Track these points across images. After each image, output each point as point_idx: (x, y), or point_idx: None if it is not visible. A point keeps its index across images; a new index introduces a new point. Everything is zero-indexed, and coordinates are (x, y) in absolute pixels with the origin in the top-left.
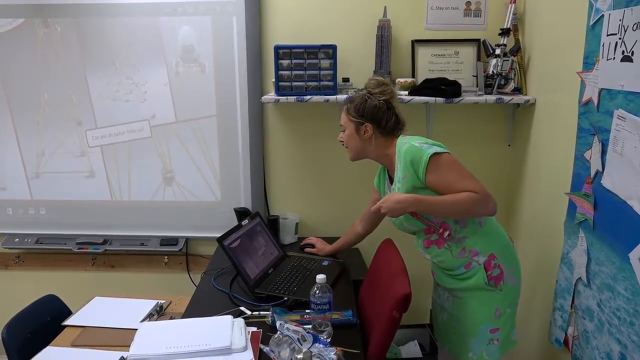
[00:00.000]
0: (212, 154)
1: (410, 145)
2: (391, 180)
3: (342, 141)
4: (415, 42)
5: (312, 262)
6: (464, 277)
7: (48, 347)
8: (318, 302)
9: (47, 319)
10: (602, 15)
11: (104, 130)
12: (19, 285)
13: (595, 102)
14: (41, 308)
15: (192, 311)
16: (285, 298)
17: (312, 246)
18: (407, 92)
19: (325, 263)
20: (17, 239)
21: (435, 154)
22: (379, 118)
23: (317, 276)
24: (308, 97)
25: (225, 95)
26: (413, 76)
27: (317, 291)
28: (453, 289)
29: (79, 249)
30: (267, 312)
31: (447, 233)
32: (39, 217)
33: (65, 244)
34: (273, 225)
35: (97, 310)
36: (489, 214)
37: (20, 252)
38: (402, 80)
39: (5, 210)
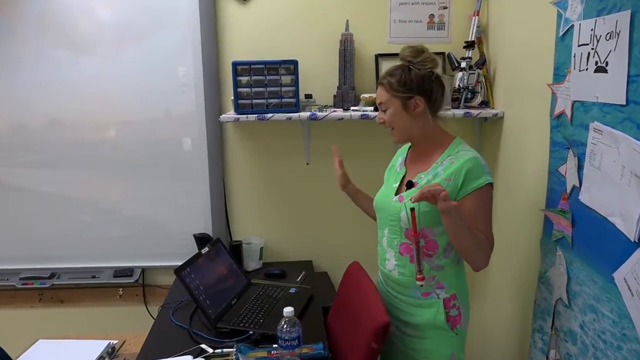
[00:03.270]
0: (168, 176)
1: (475, 157)
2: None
3: (383, 122)
4: (378, 56)
5: (278, 290)
6: (417, 304)
7: None
8: (286, 337)
9: None
10: (572, 25)
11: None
12: None
13: (569, 115)
14: None
15: (147, 352)
16: (251, 332)
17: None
18: (372, 108)
19: (292, 290)
20: None
21: (490, 184)
22: (429, 89)
23: (285, 309)
24: (269, 115)
25: (182, 115)
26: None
27: (285, 325)
28: (407, 322)
29: (22, 284)
30: (231, 349)
31: (432, 253)
32: None
33: (7, 279)
34: (236, 251)
35: (40, 357)
36: (481, 267)
37: None
38: (366, 95)
39: None
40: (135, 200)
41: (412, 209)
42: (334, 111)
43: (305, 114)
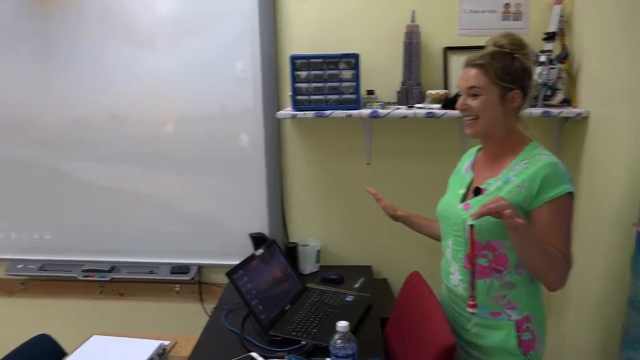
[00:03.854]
0: (225, 173)
1: (554, 162)
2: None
3: (467, 108)
4: (447, 50)
5: (334, 297)
6: (485, 324)
7: None
8: (339, 354)
9: None
10: None
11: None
12: (23, 313)
13: None
14: (30, 351)
15: (197, 358)
16: (304, 342)
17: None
18: (439, 106)
19: (349, 298)
20: (21, 265)
21: (571, 194)
22: (527, 85)
23: (338, 324)
24: (328, 111)
25: (239, 111)
26: (445, 87)
27: (339, 341)
28: (473, 343)
29: (84, 276)
30: None
31: (502, 269)
32: (44, 243)
33: (70, 271)
34: (291, 253)
35: (92, 353)
36: (557, 288)
37: (24, 279)
38: (433, 92)
39: (9, 235)
40: (193, 197)
41: (472, 226)
42: (397, 109)
43: (366, 111)
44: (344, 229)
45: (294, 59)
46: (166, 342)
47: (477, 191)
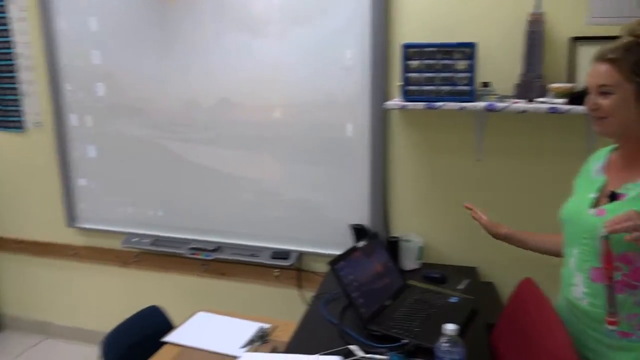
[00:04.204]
0: (329, 162)
1: None
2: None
3: (596, 108)
4: (575, 40)
5: (437, 297)
6: (613, 345)
7: None
8: (446, 358)
9: (146, 333)
10: None
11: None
12: (135, 284)
13: None
14: (142, 322)
15: (296, 344)
16: (406, 341)
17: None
18: (564, 101)
19: (453, 300)
20: (136, 239)
21: None
22: None
23: (446, 326)
24: (440, 103)
25: (346, 100)
26: (571, 81)
27: (446, 344)
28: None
29: (191, 254)
30: (383, 357)
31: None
32: (157, 219)
33: (179, 248)
34: (392, 247)
35: (198, 328)
36: None
37: (137, 251)
38: (556, 85)
39: (127, 209)
40: (296, 183)
41: (605, 238)
42: (516, 102)
43: (481, 104)
44: (449, 227)
45: (406, 47)
46: (267, 325)
47: (613, 196)
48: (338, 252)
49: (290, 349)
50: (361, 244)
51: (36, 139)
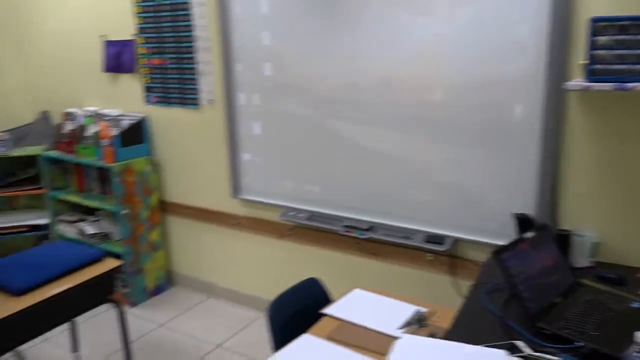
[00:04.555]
0: (493, 146)
1: None
2: None
3: None
4: None
5: (615, 300)
6: None
7: (306, 334)
8: None
9: (306, 303)
10: None
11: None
12: (289, 255)
13: None
14: (303, 292)
15: (457, 331)
16: (582, 344)
17: None
18: None
19: (636, 305)
20: (292, 213)
21: None
22: None
23: (638, 334)
24: (632, 84)
25: (516, 79)
26: None
27: (637, 354)
28: None
29: (345, 231)
30: (554, 358)
31: None
32: (313, 194)
33: (333, 224)
34: (561, 241)
35: (355, 305)
36: None
37: (293, 225)
38: None
39: (286, 184)
40: (455, 166)
41: None
42: None
43: None
44: (630, 224)
45: (595, 21)
46: (424, 309)
47: None
48: (496, 242)
49: (449, 336)
50: (529, 234)
51: (209, 116)
